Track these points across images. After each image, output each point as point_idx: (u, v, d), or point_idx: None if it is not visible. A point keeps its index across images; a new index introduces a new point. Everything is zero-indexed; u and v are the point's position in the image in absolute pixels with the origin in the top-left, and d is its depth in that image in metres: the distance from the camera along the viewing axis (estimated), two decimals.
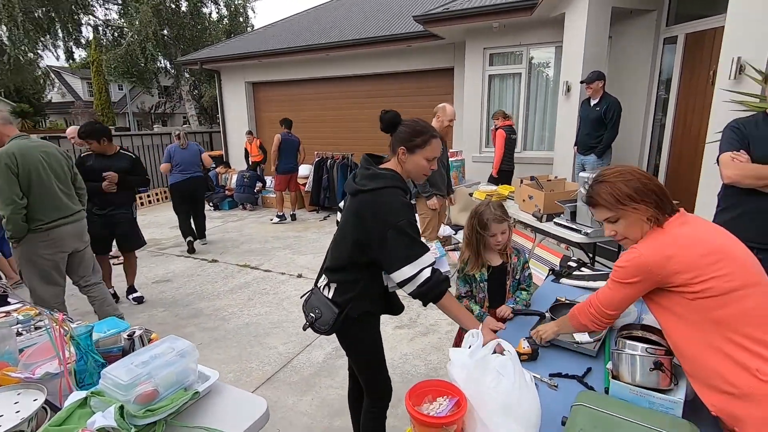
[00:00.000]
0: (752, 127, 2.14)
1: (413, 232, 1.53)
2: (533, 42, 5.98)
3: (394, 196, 1.56)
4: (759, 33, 3.20)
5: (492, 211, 1.82)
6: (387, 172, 1.63)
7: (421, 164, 1.63)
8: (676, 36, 4.96)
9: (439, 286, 1.53)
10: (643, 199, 1.24)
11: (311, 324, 1.71)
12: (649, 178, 1.27)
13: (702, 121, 4.72)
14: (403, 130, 1.63)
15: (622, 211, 1.27)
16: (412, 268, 1.50)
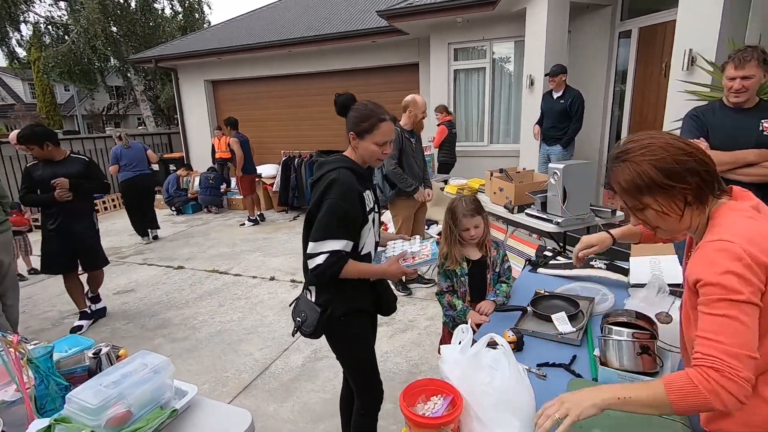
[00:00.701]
0: (710, 115, 2.24)
1: (332, 213, 1.49)
2: (496, 37, 6.08)
3: (336, 174, 1.53)
4: (708, 26, 3.37)
5: (464, 206, 1.82)
6: (335, 157, 1.61)
7: (371, 149, 1.57)
8: (630, 30, 5.17)
9: (328, 270, 1.50)
10: (678, 182, 0.92)
11: (298, 328, 1.67)
12: (688, 151, 0.93)
13: (657, 111, 4.95)
14: (351, 115, 1.58)
15: (649, 199, 0.96)
16: (313, 248, 1.50)
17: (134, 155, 5.84)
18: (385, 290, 1.81)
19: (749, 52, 2.05)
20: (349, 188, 1.52)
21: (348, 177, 1.54)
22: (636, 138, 0.99)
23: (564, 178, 3.08)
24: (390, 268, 1.65)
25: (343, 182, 1.51)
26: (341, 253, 1.52)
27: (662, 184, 0.92)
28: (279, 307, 3.83)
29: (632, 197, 0.97)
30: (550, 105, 4.67)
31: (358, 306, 1.69)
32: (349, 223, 1.55)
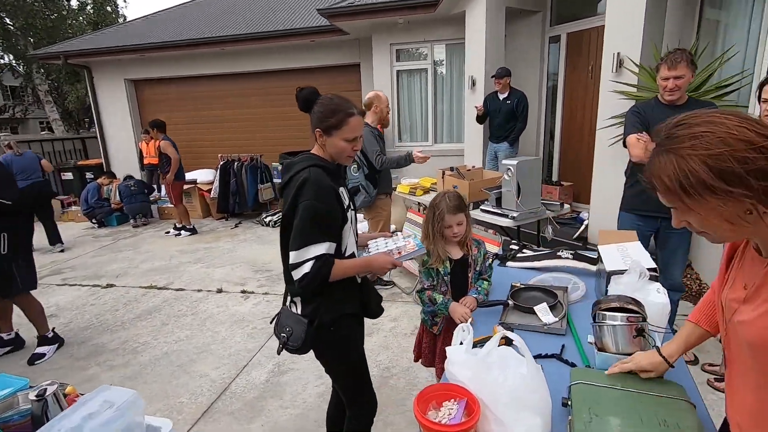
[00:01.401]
0: (650, 111, 2.42)
1: (309, 216, 1.39)
2: (437, 39, 6.21)
3: (307, 174, 1.43)
4: (633, 31, 3.68)
5: (447, 203, 1.77)
6: (302, 156, 1.52)
7: (340, 146, 1.49)
8: (560, 35, 5.54)
9: (317, 278, 1.40)
10: (736, 187, 0.70)
11: (284, 345, 1.54)
12: (759, 145, 0.69)
13: (585, 111, 5.34)
14: (316, 111, 1.48)
15: (695, 203, 0.75)
16: (296, 256, 1.40)
17: (27, 164, 5.54)
18: (371, 291, 1.72)
19: (679, 54, 2.25)
20: (322, 186, 1.42)
21: (320, 175, 1.44)
22: (690, 119, 0.76)
23: (517, 174, 3.19)
24: (377, 259, 1.57)
25: (316, 181, 1.42)
26: (326, 256, 1.43)
27: (714, 188, 0.71)
28: (231, 320, 3.57)
29: (676, 197, 0.76)
30: (497, 106, 4.85)
31: (347, 310, 1.58)
32: (329, 223, 1.45)
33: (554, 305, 1.73)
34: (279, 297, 3.96)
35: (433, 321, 1.90)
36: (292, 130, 7.80)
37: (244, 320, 3.56)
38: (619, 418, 0.97)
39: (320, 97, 1.50)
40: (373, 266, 1.57)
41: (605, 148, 3.99)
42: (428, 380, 2.59)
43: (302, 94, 1.50)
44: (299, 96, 1.50)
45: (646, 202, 2.45)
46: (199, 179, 7.26)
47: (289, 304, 1.59)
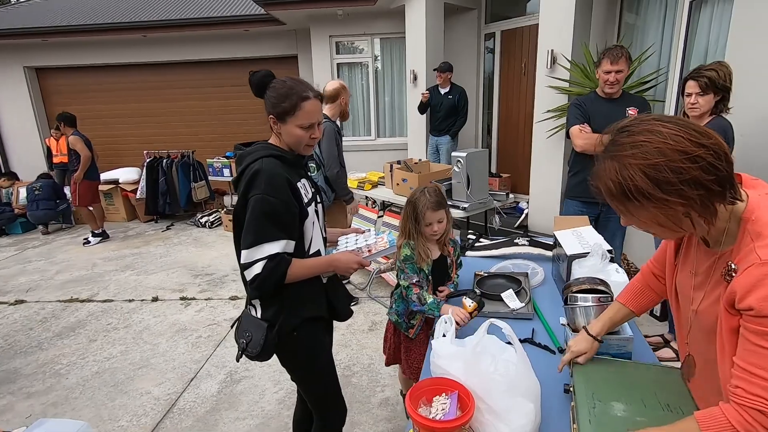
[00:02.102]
0: (590, 104, 2.58)
1: (261, 211, 1.27)
2: (378, 32, 6.18)
3: (259, 165, 1.30)
4: (564, 30, 3.91)
5: (427, 198, 1.68)
6: (255, 146, 1.39)
7: (295, 134, 1.35)
8: (494, 33, 5.76)
9: (269, 279, 1.29)
10: (672, 196, 0.74)
11: (243, 351, 1.41)
12: (694, 154, 0.72)
13: (520, 106, 5.62)
14: (269, 95, 1.34)
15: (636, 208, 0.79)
16: (247, 256, 1.29)
17: None
18: (340, 291, 1.60)
19: (619, 50, 2.41)
20: (275, 178, 1.30)
21: (273, 165, 1.31)
22: (633, 126, 0.79)
23: (467, 166, 3.27)
24: (342, 258, 1.44)
25: (268, 172, 1.29)
26: (281, 255, 1.30)
27: (652, 196, 0.75)
28: (172, 331, 3.28)
29: (618, 202, 0.80)
30: (439, 100, 4.91)
31: (312, 314, 1.46)
32: (284, 218, 1.32)
33: (519, 291, 1.77)
34: (224, 302, 3.72)
35: (409, 324, 1.81)
36: (231, 126, 7.39)
37: (187, 329, 3.29)
38: (622, 403, 1.00)
39: (273, 80, 1.36)
40: (337, 266, 1.44)
41: (543, 141, 4.22)
42: (391, 376, 2.57)
43: (255, 78, 1.36)
44: (252, 80, 1.36)
45: (587, 189, 2.60)
46: (121, 179, 6.60)
47: (248, 307, 1.46)
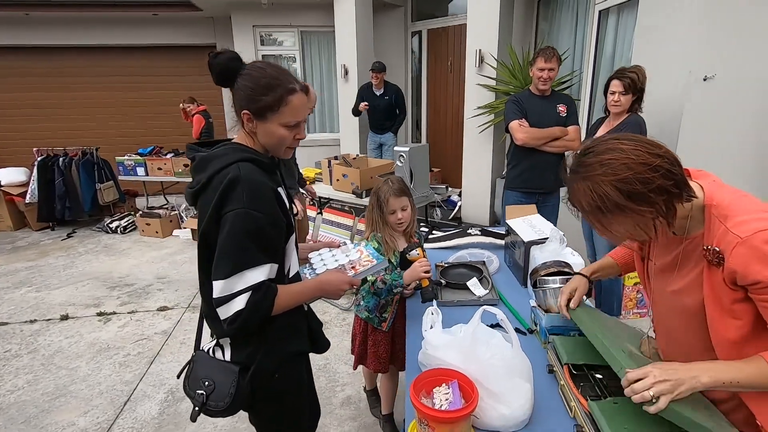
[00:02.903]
0: (525, 100, 2.76)
1: (243, 230, 1.01)
2: (305, 24, 6.00)
3: (236, 171, 1.04)
4: (490, 32, 4.14)
5: (390, 186, 1.70)
6: (224, 148, 1.11)
7: (278, 134, 1.10)
8: (421, 31, 5.92)
9: (254, 316, 1.04)
10: (641, 205, 0.84)
11: (201, 406, 1.11)
12: (654, 165, 0.83)
13: (448, 102, 5.86)
14: (243, 85, 1.07)
15: (610, 220, 0.89)
16: (224, 288, 1.02)
17: None
18: (315, 317, 1.37)
19: (551, 50, 2.61)
20: (258, 187, 1.05)
21: (252, 172, 1.06)
22: (596, 147, 0.89)
23: (410, 160, 3.32)
24: (331, 280, 1.22)
25: (249, 180, 1.03)
26: (266, 284, 1.06)
27: (625, 207, 0.85)
28: (92, 351, 2.89)
29: (594, 217, 0.90)
30: (375, 102, 4.89)
31: (296, 349, 1.22)
32: (270, 238, 1.08)
33: (481, 279, 1.84)
34: (152, 314, 3.37)
35: (381, 318, 1.78)
36: (142, 120, 6.69)
37: (111, 347, 2.93)
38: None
39: (246, 66, 1.09)
40: (327, 289, 1.21)
41: (475, 136, 4.43)
42: (349, 374, 2.53)
43: (219, 62, 1.06)
44: (214, 64, 1.06)
45: (527, 180, 2.81)
46: (3, 181, 5.65)
47: (209, 348, 1.17)
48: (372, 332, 1.84)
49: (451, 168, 5.80)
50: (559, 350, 1.24)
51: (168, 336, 3.03)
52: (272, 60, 6.07)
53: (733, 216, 0.85)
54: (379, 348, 1.83)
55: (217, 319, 1.07)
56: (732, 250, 0.83)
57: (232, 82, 1.09)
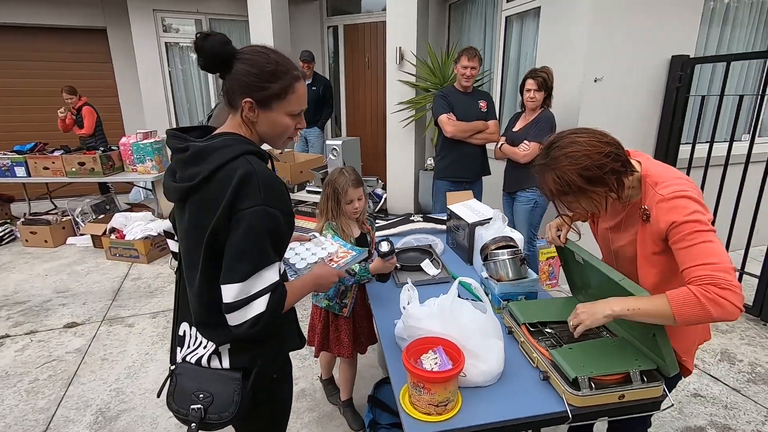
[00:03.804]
0: (451, 95, 2.98)
1: (263, 229, 0.96)
2: (214, 12, 5.65)
3: (247, 166, 0.96)
4: (409, 29, 4.35)
5: (347, 177, 1.73)
6: (224, 138, 1.01)
7: (283, 123, 1.05)
8: (337, 26, 5.95)
9: (273, 318, 0.99)
10: (599, 186, 1.07)
11: (199, 422, 1.04)
12: (606, 151, 1.05)
13: (366, 97, 5.99)
14: (245, 71, 0.99)
15: (574, 199, 1.11)
16: (242, 290, 0.95)
17: None
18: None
19: (474, 50, 2.86)
20: (273, 182, 0.99)
21: (263, 166, 1.00)
22: (558, 142, 1.10)
23: (343, 153, 3.37)
24: (323, 274, 1.21)
25: (264, 175, 0.97)
26: (281, 283, 1.02)
27: (586, 189, 1.07)
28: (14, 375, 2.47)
29: (559, 200, 1.13)
30: None
31: (289, 348, 1.19)
32: (284, 236, 1.04)
33: (432, 260, 1.99)
34: (57, 333, 2.96)
35: (342, 304, 1.83)
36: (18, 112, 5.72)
37: (11, 375, 2.52)
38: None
39: (243, 50, 1.01)
40: (321, 283, 1.20)
41: (398, 130, 4.62)
42: (299, 368, 2.52)
43: (211, 45, 0.96)
44: (204, 46, 0.96)
45: (455, 171, 3.04)
46: None
47: (205, 357, 1.08)
48: (333, 319, 1.88)
49: (373, 162, 5.95)
50: (515, 313, 1.42)
51: (84, 354, 2.71)
52: (178, 49, 5.65)
53: (661, 183, 1.10)
54: (342, 334, 1.88)
55: (219, 326, 1.00)
56: (656, 206, 1.08)
57: (224, 67, 1.00)
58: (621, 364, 1.14)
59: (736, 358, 2.56)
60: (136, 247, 4.03)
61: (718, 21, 3.54)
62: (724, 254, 1.00)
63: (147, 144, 4.52)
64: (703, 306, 0.97)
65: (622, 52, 2.98)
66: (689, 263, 1.02)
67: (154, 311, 3.20)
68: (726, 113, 3.61)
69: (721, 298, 0.96)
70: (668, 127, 3.25)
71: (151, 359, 2.63)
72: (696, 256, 1.01)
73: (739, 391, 2.28)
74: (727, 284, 0.96)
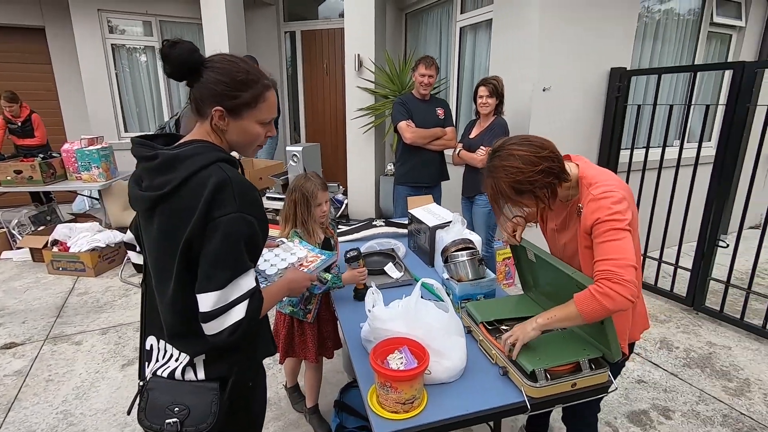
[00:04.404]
0: (410, 102, 3.06)
1: (239, 236, 0.96)
2: (164, 14, 5.44)
3: (221, 174, 0.96)
4: (367, 37, 4.41)
5: (314, 181, 1.74)
6: (194, 146, 1.00)
7: (253, 131, 1.05)
8: (295, 32, 5.92)
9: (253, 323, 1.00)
10: (527, 200, 1.20)
11: None
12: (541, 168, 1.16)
13: (325, 103, 6.00)
14: (215, 79, 0.99)
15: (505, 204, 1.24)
16: (220, 298, 0.94)
17: None
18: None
19: (431, 58, 2.95)
20: (248, 189, 1.00)
21: (237, 174, 1.01)
22: (500, 151, 1.21)
23: (303, 159, 3.35)
24: (296, 279, 1.22)
25: (239, 182, 0.98)
26: (258, 289, 1.02)
27: (515, 199, 1.20)
28: None
29: (494, 202, 1.26)
30: None
31: (263, 355, 1.18)
32: (259, 242, 1.04)
33: (395, 263, 2.04)
34: None
35: (306, 309, 1.82)
36: None
37: None
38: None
39: (212, 59, 1.01)
40: (294, 287, 1.23)
41: (358, 136, 4.65)
42: None
43: (179, 52, 0.96)
44: (172, 54, 0.95)
45: (415, 176, 3.12)
46: None
47: (178, 370, 1.05)
48: (298, 325, 1.87)
49: (333, 167, 5.95)
50: (473, 312, 1.49)
51: (25, 376, 2.52)
52: (126, 51, 5.40)
53: (594, 184, 1.22)
54: (307, 338, 1.88)
55: (195, 336, 0.98)
56: (586, 204, 1.21)
57: (192, 76, 0.99)
58: (571, 354, 1.23)
59: (673, 345, 2.79)
60: (82, 259, 3.79)
61: (650, 36, 3.86)
62: (629, 252, 1.12)
63: (93, 150, 4.28)
64: (598, 301, 1.10)
65: (566, 63, 3.18)
66: (599, 257, 1.15)
67: (104, 327, 3.03)
68: (659, 121, 3.94)
69: (612, 291, 1.09)
70: (609, 133, 3.50)
71: (102, 377, 2.49)
72: (605, 251, 1.14)
73: (677, 375, 2.49)
74: (619, 279, 1.09)
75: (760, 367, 2.55)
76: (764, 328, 2.80)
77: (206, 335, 0.96)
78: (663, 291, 3.36)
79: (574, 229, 1.29)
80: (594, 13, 3.20)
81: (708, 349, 2.73)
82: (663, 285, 3.43)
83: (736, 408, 2.22)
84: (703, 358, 2.65)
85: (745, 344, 2.78)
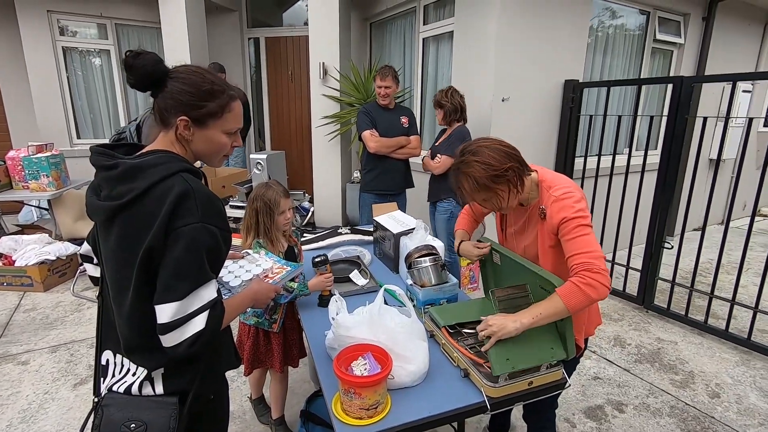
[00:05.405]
0: (373, 112, 3.11)
1: (200, 246, 0.95)
2: (120, 17, 5.24)
3: (183, 184, 0.95)
4: (332, 45, 4.44)
5: (275, 189, 1.74)
6: (156, 156, 1.00)
7: (219, 141, 1.06)
8: (259, 38, 5.86)
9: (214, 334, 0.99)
10: (501, 184, 1.28)
11: None
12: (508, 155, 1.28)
13: (291, 110, 5.96)
14: (180, 89, 0.99)
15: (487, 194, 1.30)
16: (180, 309, 0.92)
17: None
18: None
19: (387, 69, 3.01)
20: (211, 200, 1.00)
21: (200, 184, 1.01)
22: (469, 148, 1.32)
23: (268, 167, 3.33)
24: (260, 290, 1.24)
25: (201, 193, 0.98)
26: (219, 300, 1.01)
27: (492, 186, 1.27)
28: None
29: (474, 197, 1.33)
30: None
31: (226, 368, 1.18)
32: (221, 252, 1.03)
33: (361, 270, 2.05)
34: None
35: (272, 320, 1.80)
36: None
37: None
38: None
39: (176, 69, 1.02)
40: (259, 298, 1.24)
41: (323, 144, 4.65)
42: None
43: (143, 63, 0.96)
44: (136, 64, 0.95)
45: (380, 184, 3.16)
46: None
47: (135, 385, 1.02)
48: (264, 336, 1.85)
49: (299, 175, 5.91)
50: (435, 317, 1.52)
51: None
52: (78, 55, 5.17)
53: (554, 186, 1.32)
54: (273, 348, 1.85)
55: (153, 349, 0.96)
56: (550, 205, 1.29)
57: (160, 87, 1.00)
58: (540, 355, 1.26)
59: (626, 342, 2.95)
60: (30, 273, 3.57)
61: (600, 50, 4.10)
62: (597, 245, 1.23)
63: (42, 158, 4.05)
64: (584, 291, 1.17)
65: (523, 75, 3.33)
66: (572, 251, 1.23)
67: (54, 345, 2.87)
68: (610, 131, 4.18)
69: (594, 281, 1.17)
70: (565, 142, 3.68)
71: (52, 398, 2.35)
72: (578, 246, 1.23)
73: (629, 370, 2.63)
74: (598, 269, 1.18)
75: (703, 360, 2.74)
76: (706, 323, 3.01)
77: (164, 347, 0.94)
78: (616, 291, 3.55)
79: (535, 231, 1.36)
80: (548, 27, 3.37)
81: (657, 345, 2.91)
82: (616, 285, 3.61)
83: (682, 399, 2.38)
84: (653, 353, 2.81)
85: (690, 339, 2.98)
